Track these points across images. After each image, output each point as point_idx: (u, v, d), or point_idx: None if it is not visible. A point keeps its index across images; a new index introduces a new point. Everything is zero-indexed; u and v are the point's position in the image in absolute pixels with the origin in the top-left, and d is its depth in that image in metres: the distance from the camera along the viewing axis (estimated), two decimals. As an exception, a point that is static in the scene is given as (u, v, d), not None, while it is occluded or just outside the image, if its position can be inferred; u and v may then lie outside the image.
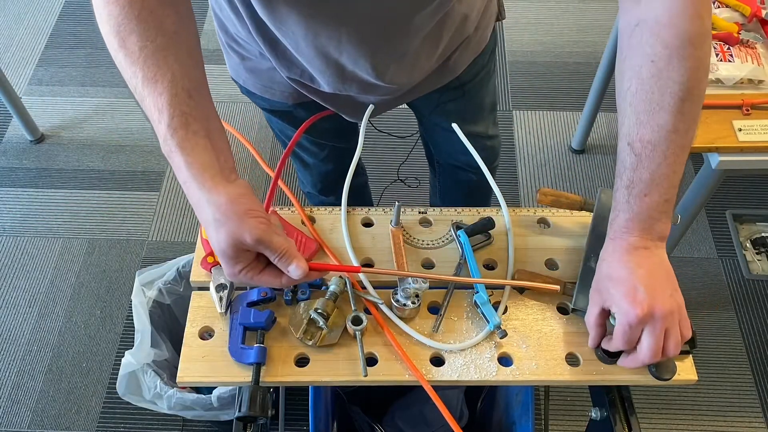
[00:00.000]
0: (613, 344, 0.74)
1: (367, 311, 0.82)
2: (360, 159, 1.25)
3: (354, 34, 0.84)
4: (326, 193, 1.42)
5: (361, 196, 1.58)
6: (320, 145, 1.25)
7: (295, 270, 0.67)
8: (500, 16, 1.12)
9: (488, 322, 0.79)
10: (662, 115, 0.69)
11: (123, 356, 1.35)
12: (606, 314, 0.76)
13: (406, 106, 1.22)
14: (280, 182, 0.97)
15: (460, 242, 0.88)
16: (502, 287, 0.85)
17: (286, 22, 0.83)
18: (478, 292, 0.82)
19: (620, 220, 0.74)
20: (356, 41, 0.85)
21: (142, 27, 0.64)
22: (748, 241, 1.96)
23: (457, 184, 1.44)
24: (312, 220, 0.92)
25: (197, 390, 1.43)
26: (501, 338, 0.79)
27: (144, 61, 0.64)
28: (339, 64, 0.90)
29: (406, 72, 0.96)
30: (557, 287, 0.81)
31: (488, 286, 0.83)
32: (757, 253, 1.93)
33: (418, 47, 0.92)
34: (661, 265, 0.74)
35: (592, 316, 0.77)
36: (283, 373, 0.78)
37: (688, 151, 0.72)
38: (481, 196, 1.47)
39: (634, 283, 0.71)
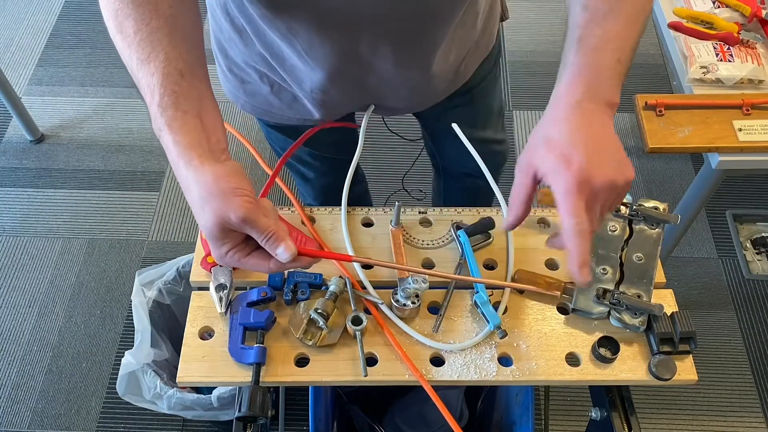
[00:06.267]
0: (564, 228, 0.61)
1: (367, 311, 0.82)
2: (360, 166, 1.25)
3: (371, 16, 0.83)
4: (328, 204, 1.41)
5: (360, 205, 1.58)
6: (322, 159, 1.23)
7: (284, 253, 0.64)
8: (504, 16, 1.11)
9: (488, 322, 0.79)
10: None
11: (123, 356, 1.35)
12: (534, 188, 0.67)
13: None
14: (280, 182, 0.97)
15: (460, 242, 0.88)
16: (502, 287, 0.85)
17: (298, 18, 0.82)
18: (478, 292, 0.82)
19: (565, 77, 0.66)
20: (374, 24, 0.84)
21: (139, 11, 0.65)
22: (748, 241, 1.96)
23: (464, 190, 1.44)
24: (312, 220, 0.93)
25: (197, 390, 1.43)
26: (501, 338, 0.79)
27: (138, 44, 0.65)
28: (357, 56, 0.89)
29: (425, 65, 0.95)
30: (557, 293, 0.81)
31: (488, 286, 0.83)
32: (757, 253, 1.93)
33: (438, 40, 0.91)
34: (607, 131, 0.64)
35: (519, 187, 0.66)
36: (283, 373, 0.78)
37: (644, 17, 0.67)
38: (486, 200, 1.46)
39: (573, 143, 0.62)
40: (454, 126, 0.99)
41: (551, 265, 0.88)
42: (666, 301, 0.84)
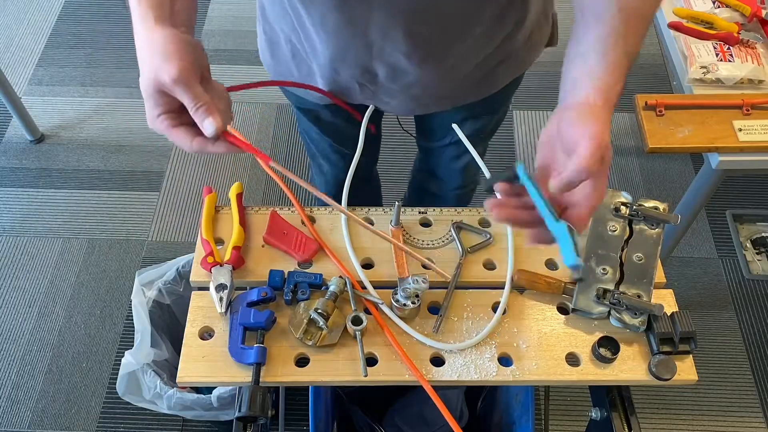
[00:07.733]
0: (569, 176, 0.64)
1: (367, 311, 0.82)
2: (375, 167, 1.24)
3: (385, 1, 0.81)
4: (338, 200, 1.40)
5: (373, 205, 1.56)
6: (342, 154, 1.23)
7: (210, 125, 0.65)
8: (552, 41, 1.03)
9: (564, 258, 0.64)
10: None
11: (123, 356, 1.35)
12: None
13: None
14: (279, 182, 0.97)
15: (522, 183, 0.71)
16: (501, 286, 0.85)
17: None
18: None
19: (596, 87, 0.71)
20: (387, 7, 0.82)
21: None
22: (748, 241, 1.96)
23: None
24: (312, 220, 0.93)
25: (197, 390, 1.42)
26: (576, 280, 0.79)
27: None
28: (367, 39, 0.87)
29: (441, 61, 0.91)
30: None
31: (486, 286, 0.83)
32: (757, 253, 1.93)
33: (461, 34, 0.87)
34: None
35: (554, 153, 0.70)
36: (283, 373, 0.78)
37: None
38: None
39: (601, 128, 0.66)
40: (454, 126, 0.99)
41: (551, 264, 0.88)
42: (666, 301, 0.84)
